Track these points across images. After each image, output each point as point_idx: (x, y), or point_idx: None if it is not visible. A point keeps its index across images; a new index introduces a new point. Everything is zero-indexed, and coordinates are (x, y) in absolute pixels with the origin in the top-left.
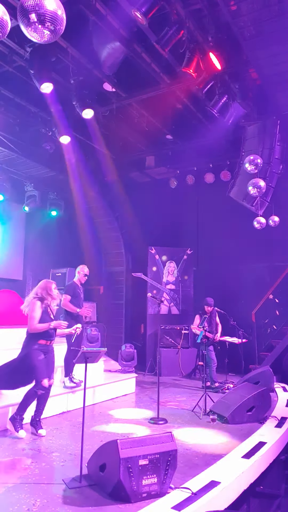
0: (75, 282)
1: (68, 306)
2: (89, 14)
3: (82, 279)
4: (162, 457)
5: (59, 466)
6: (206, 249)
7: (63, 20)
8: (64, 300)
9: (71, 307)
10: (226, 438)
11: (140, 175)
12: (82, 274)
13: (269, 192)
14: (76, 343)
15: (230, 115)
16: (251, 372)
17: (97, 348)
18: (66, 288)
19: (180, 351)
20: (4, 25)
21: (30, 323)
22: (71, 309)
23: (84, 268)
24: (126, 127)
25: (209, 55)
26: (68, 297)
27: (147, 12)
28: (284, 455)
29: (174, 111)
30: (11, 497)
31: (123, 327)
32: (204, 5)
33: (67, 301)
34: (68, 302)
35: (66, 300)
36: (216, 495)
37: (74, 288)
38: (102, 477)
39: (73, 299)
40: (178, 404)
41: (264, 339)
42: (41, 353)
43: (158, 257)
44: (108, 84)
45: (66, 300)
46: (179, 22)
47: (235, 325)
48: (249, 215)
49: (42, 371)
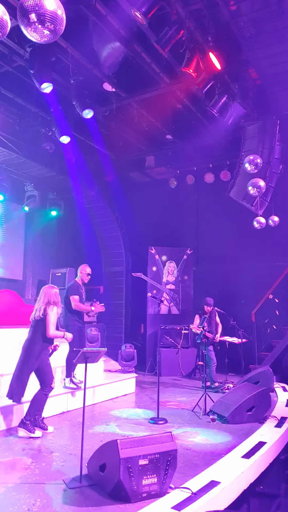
0: (77, 281)
1: (80, 307)
2: (89, 14)
3: (85, 278)
4: (162, 457)
5: (59, 466)
6: (206, 249)
7: (63, 20)
8: (74, 302)
9: (84, 307)
10: (226, 438)
11: (140, 175)
12: (85, 274)
13: (269, 192)
14: (79, 343)
15: (230, 115)
16: (251, 372)
17: (97, 348)
18: (71, 289)
19: (180, 351)
20: (4, 25)
21: (50, 328)
22: (84, 309)
23: (86, 268)
24: (126, 127)
25: (209, 55)
26: (76, 297)
27: (147, 12)
28: (284, 455)
29: (174, 111)
30: (11, 497)
31: (123, 327)
32: (204, 5)
33: (77, 301)
34: (78, 302)
35: (75, 301)
36: (216, 495)
37: (77, 288)
38: (102, 477)
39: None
40: (178, 404)
41: (264, 339)
42: (48, 357)
43: (158, 257)
44: (108, 84)
45: (75, 301)
46: (179, 22)
47: (235, 325)
48: (249, 215)
49: (51, 374)
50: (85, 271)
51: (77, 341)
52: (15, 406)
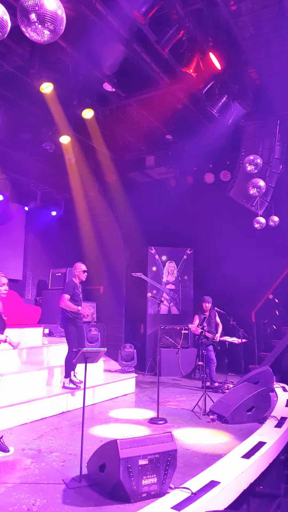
0: (73, 280)
1: (68, 306)
2: (89, 14)
3: (82, 276)
4: (161, 457)
5: (59, 466)
6: (206, 249)
7: (63, 20)
8: (62, 300)
9: (71, 306)
10: (226, 438)
11: (140, 175)
12: (81, 271)
13: (269, 192)
14: (78, 343)
15: (230, 115)
16: (251, 372)
17: (97, 348)
18: (65, 287)
19: (180, 351)
20: (4, 25)
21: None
22: (71, 308)
23: (81, 265)
24: (126, 127)
25: (209, 55)
26: (67, 296)
27: (147, 12)
28: (283, 455)
29: (174, 111)
30: (11, 497)
31: (123, 327)
32: (204, 5)
33: (66, 300)
34: (67, 301)
35: (65, 299)
36: (216, 495)
37: (73, 288)
38: (102, 477)
39: (71, 298)
40: (178, 404)
41: (264, 339)
42: None
43: (158, 257)
44: (108, 84)
45: (65, 299)
46: (179, 22)
47: (235, 325)
48: (249, 215)
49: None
50: (80, 269)
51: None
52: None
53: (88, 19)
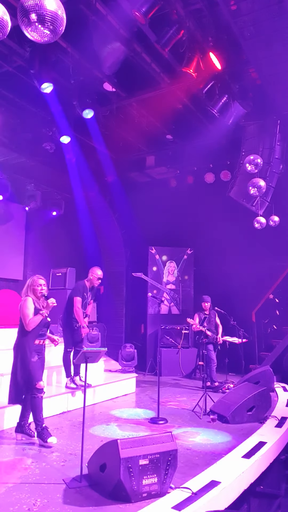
0: (85, 283)
1: (78, 315)
2: (89, 14)
3: (95, 282)
4: (162, 457)
5: (59, 466)
6: (206, 249)
7: (63, 20)
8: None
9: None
10: (226, 438)
11: (140, 175)
12: (96, 278)
13: (269, 192)
14: (74, 343)
15: (230, 115)
16: (251, 372)
17: (97, 348)
18: (75, 289)
19: (180, 351)
20: (4, 25)
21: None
22: (79, 319)
23: (98, 270)
24: (126, 127)
25: (209, 55)
26: (78, 299)
27: (147, 12)
28: (284, 455)
29: (174, 111)
30: (11, 497)
31: (123, 327)
32: (204, 5)
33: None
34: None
35: (76, 303)
36: (216, 495)
37: (83, 290)
38: (102, 477)
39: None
40: (178, 404)
41: (264, 339)
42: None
43: (158, 257)
44: (108, 84)
45: (76, 303)
46: (179, 22)
47: (235, 325)
48: (249, 215)
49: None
50: (96, 274)
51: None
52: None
53: (88, 19)
